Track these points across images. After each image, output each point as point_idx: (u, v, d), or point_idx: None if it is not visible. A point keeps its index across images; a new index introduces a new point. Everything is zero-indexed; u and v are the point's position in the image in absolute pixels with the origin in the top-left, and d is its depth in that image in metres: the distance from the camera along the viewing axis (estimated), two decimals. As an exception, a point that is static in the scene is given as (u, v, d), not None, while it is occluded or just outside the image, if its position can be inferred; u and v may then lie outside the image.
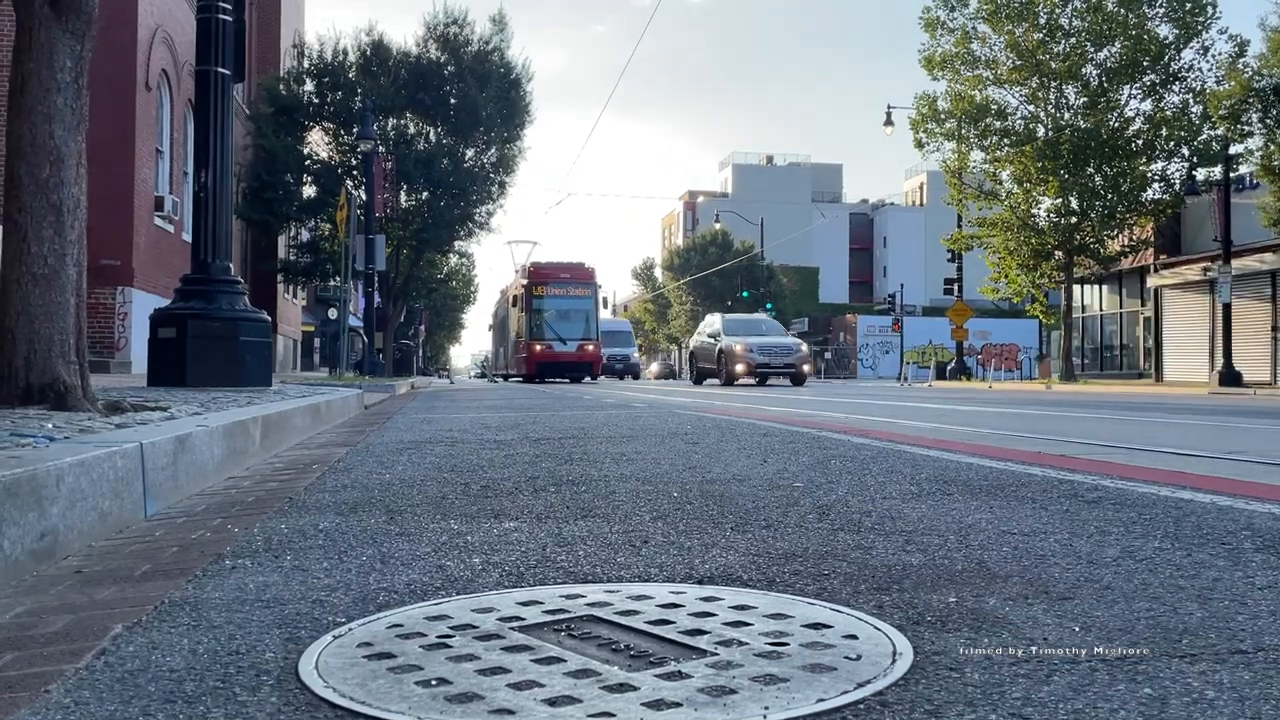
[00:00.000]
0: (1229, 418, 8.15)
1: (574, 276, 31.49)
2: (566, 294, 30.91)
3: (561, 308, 30.70)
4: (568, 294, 30.94)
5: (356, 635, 1.52)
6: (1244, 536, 2.25)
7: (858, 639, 1.47)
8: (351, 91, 27.04)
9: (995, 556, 2.07)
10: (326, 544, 2.27)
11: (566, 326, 30.47)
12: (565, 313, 30.82)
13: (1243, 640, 1.44)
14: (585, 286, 31.49)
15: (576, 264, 32.19)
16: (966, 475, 3.46)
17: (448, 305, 62.83)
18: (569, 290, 31.03)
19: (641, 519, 2.59)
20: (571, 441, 5.17)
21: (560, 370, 30.31)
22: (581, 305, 31.04)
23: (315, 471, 3.76)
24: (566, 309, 30.80)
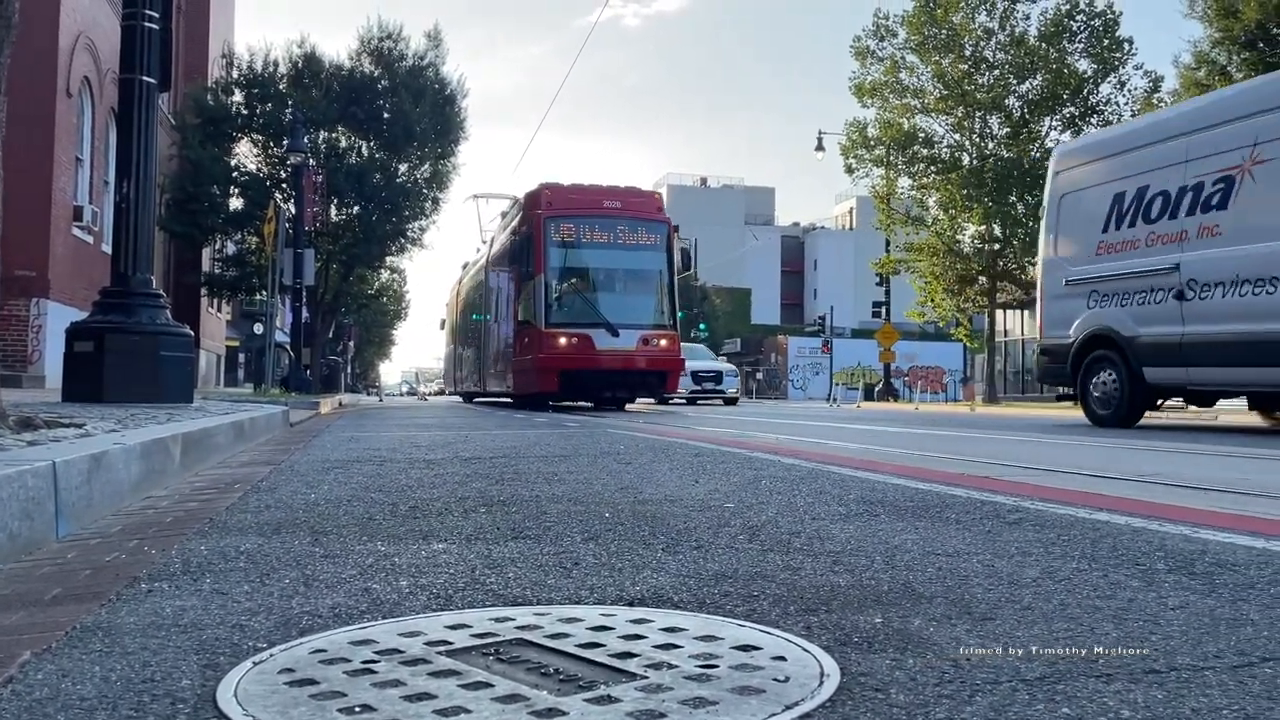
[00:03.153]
0: (1141, 440, 8.41)
1: (628, 209, 17.24)
2: (616, 241, 17.03)
3: (607, 265, 17.16)
4: (619, 241, 17.04)
5: (278, 661, 1.48)
6: (1157, 558, 2.32)
7: (786, 660, 1.48)
8: (282, 103, 26.60)
9: (920, 577, 2.10)
10: (248, 566, 2.22)
11: (619, 302, 16.92)
12: (614, 275, 17.30)
13: (1156, 660, 1.49)
14: (650, 228, 17.29)
15: (629, 189, 17.93)
16: (893, 496, 3.52)
17: (378, 321, 62.01)
18: (621, 234, 17.06)
19: (573, 540, 2.58)
20: (503, 461, 5.12)
21: (606, 383, 16.78)
22: (645, 263, 17.15)
23: (237, 491, 3.67)
24: (616, 268, 17.21)
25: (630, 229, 17.17)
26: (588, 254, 17.11)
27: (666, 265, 17.33)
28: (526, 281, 17.14)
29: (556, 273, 16.90)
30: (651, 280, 17.45)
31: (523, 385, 17.37)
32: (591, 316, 16.52)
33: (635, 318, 16.82)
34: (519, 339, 17.52)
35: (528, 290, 17.02)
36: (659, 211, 17.89)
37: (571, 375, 16.21)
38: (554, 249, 16.73)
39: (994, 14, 27.81)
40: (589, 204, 17.24)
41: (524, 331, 17.19)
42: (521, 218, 18.01)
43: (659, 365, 16.81)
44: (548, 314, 16.45)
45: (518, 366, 17.54)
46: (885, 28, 28.58)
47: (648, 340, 16.64)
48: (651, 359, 16.68)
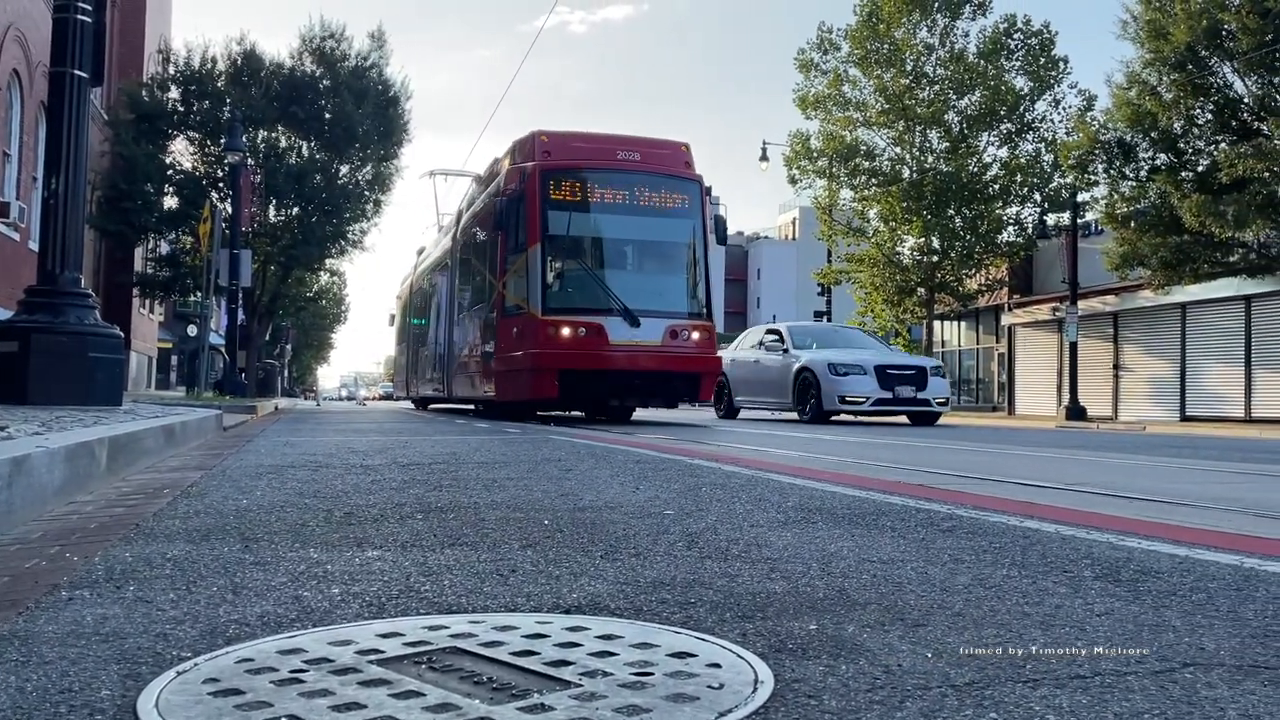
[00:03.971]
0: (1074, 450, 8.61)
1: (649, 162, 13.72)
2: (634, 203, 13.46)
3: (622, 235, 13.65)
4: (637, 203, 13.47)
5: (202, 671, 1.45)
6: (1084, 565, 2.37)
7: (721, 668, 1.48)
8: (220, 101, 26.13)
9: (855, 584, 2.12)
10: (174, 573, 2.16)
11: (639, 282, 13.46)
12: (632, 248, 13.85)
13: (1081, 665, 1.52)
14: (677, 187, 13.71)
15: (647, 139, 14.33)
16: (831, 504, 3.55)
17: (316, 324, 61.16)
18: (641, 194, 13.49)
19: (510, 547, 2.56)
20: (442, 467, 5.07)
21: (621, 388, 13.17)
22: (672, 231, 13.69)
23: (166, 496, 3.58)
24: (634, 239, 13.74)
25: (652, 188, 13.36)
26: (598, 219, 13.31)
27: (699, 235, 13.52)
28: (515, 256, 13.25)
29: (557, 243, 13.00)
30: (680, 254, 13.69)
31: (509, 389, 13.41)
32: (603, 300, 12.59)
33: (661, 303, 13.05)
34: (503, 330, 13.56)
35: (517, 267, 13.17)
36: (687, 167, 13.95)
37: (576, 377, 12.48)
38: (554, 212, 12.92)
39: (934, 30, 28.32)
40: (598, 155, 13.50)
41: (511, 321, 13.32)
42: (508, 174, 13.83)
43: (691, 366, 13.06)
44: (545, 297, 12.61)
45: (502, 365, 13.52)
46: (829, 41, 28.94)
47: (676, 333, 12.78)
48: (682, 357, 12.91)
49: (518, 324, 13.16)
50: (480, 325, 15.30)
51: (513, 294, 13.43)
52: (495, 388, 13.97)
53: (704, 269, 13.76)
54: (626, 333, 12.51)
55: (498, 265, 14.04)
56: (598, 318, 12.54)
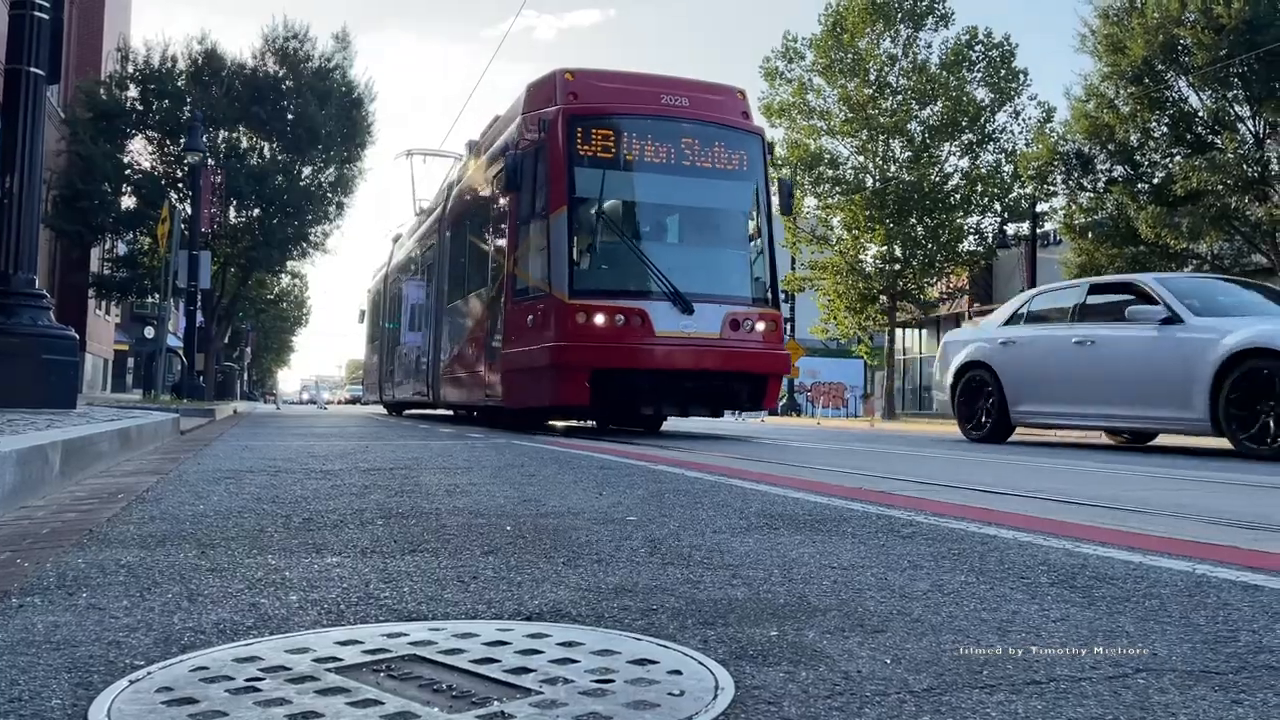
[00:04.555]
0: (1031, 457, 8.72)
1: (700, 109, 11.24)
2: (681, 161, 10.90)
3: (668, 200, 11.24)
4: (686, 161, 10.93)
5: (156, 679, 1.42)
6: (1041, 571, 2.40)
7: (682, 674, 1.48)
8: (180, 100, 25.78)
9: (816, 590, 2.13)
10: (128, 580, 2.13)
11: (689, 260, 10.91)
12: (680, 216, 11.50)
13: (1037, 671, 1.54)
14: (735, 142, 11.29)
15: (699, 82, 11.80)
16: (793, 510, 3.57)
17: (277, 327, 60.51)
18: (690, 150, 10.94)
19: (472, 554, 2.54)
20: (404, 472, 5.04)
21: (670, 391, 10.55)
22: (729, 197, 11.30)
23: (120, 501, 3.52)
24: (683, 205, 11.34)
25: (705, 141, 10.86)
26: (638, 180, 10.77)
27: (762, 201, 11.20)
28: (532, 225, 10.84)
29: (587, 208, 10.45)
30: (739, 225, 11.28)
31: (520, 392, 10.93)
32: (647, 280, 10.16)
33: (718, 285, 10.63)
34: (514, 319, 11.06)
35: (535, 239, 10.72)
36: (746, 118, 11.65)
37: (613, 379, 10.04)
38: (583, 169, 10.40)
39: (898, 41, 28.64)
40: (638, 99, 10.93)
41: (525, 306, 10.80)
42: (523, 124, 11.23)
43: (755, 364, 10.58)
44: (573, 275, 10.11)
45: (511, 363, 11.00)
46: (794, 50, 29.16)
47: (738, 322, 10.34)
48: (745, 354, 10.43)
49: (535, 310, 10.59)
50: (480, 314, 12.80)
51: (528, 273, 10.93)
52: (502, 390, 11.31)
53: (768, 243, 11.25)
54: (676, 321, 10.08)
55: (507, 239, 11.54)
56: (640, 302, 10.05)
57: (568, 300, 10.07)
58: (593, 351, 10.02)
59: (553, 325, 10.18)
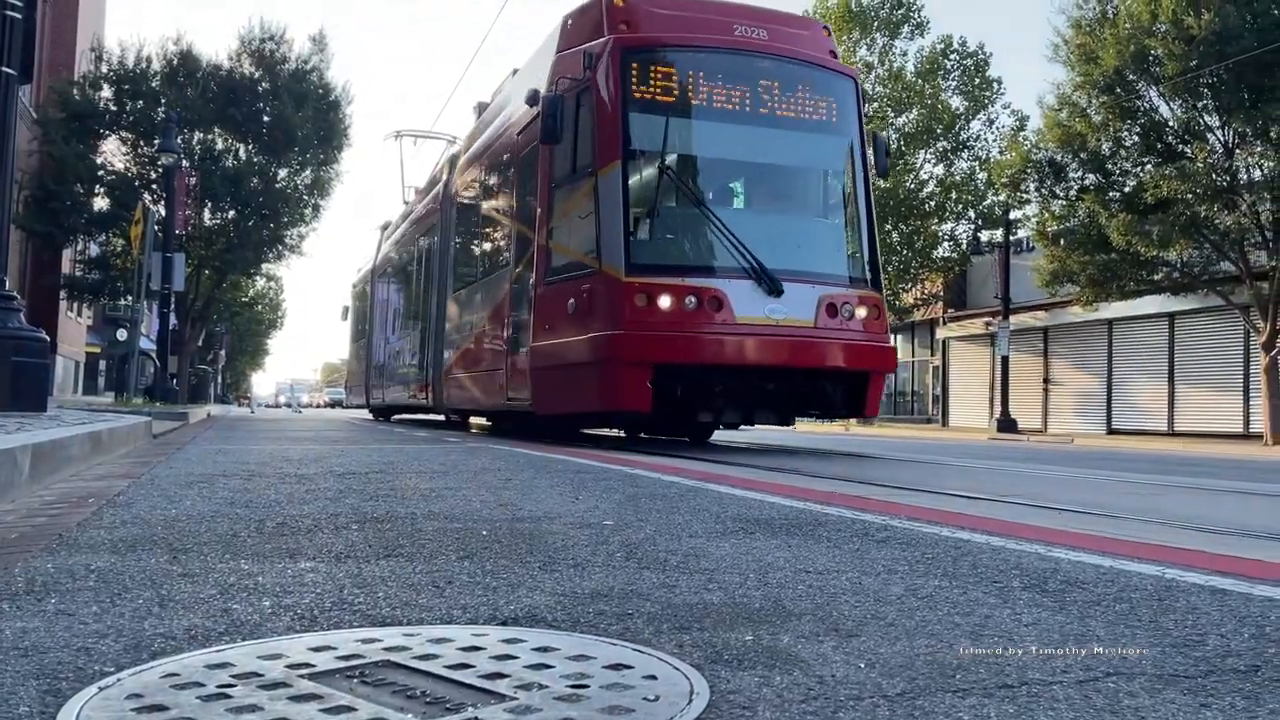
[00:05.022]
0: (1005, 462, 8.80)
1: (782, 43, 9.24)
2: (759, 108, 8.87)
3: (745, 155, 9.18)
4: (765, 108, 8.89)
5: (126, 686, 1.41)
6: (1013, 575, 2.42)
7: (657, 679, 1.49)
8: (154, 101, 25.55)
9: (791, 594, 2.14)
10: (98, 585, 2.10)
11: (772, 230, 8.90)
12: (752, 175, 9.48)
13: (1009, 675, 1.55)
14: (824, 86, 9.18)
15: (776, 13, 9.72)
16: (768, 514, 3.58)
17: (252, 330, 60.04)
18: (770, 94, 8.89)
19: (447, 558, 2.53)
20: (379, 476, 5.01)
21: (754, 393, 8.82)
22: (818, 154, 9.45)
23: (91, 505, 3.48)
24: (760, 162, 9.25)
25: (787, 84, 8.92)
26: (709, 130, 8.95)
27: (858, 159, 9.35)
28: (571, 187, 8.95)
29: (647, 163, 8.69)
30: (830, 188, 9.55)
31: (557, 395, 9.04)
32: (724, 254, 8.36)
33: (809, 261, 8.76)
34: (548, 304, 9.10)
35: (575, 203, 8.89)
36: (834, 57, 9.78)
37: (680, 377, 8.30)
38: (640, 115, 8.56)
39: (874, 49, 28.86)
40: (706, 28, 9.02)
41: (564, 288, 8.86)
42: (561, 63, 9.37)
43: (858, 360, 8.71)
44: (630, 248, 8.24)
45: (545, 358, 9.04)
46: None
47: (835, 308, 8.49)
48: (845, 346, 8.58)
49: (577, 292, 8.61)
50: (498, 301, 10.78)
51: (567, 247, 9.06)
52: (531, 393, 9.35)
53: (866, 211, 9.36)
54: (761, 305, 8.15)
55: (537, 207, 9.49)
56: (715, 281, 8.18)
57: (624, 278, 8.06)
58: (657, 343, 8.03)
59: (604, 310, 8.22)
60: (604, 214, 8.40)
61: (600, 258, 8.37)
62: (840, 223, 9.49)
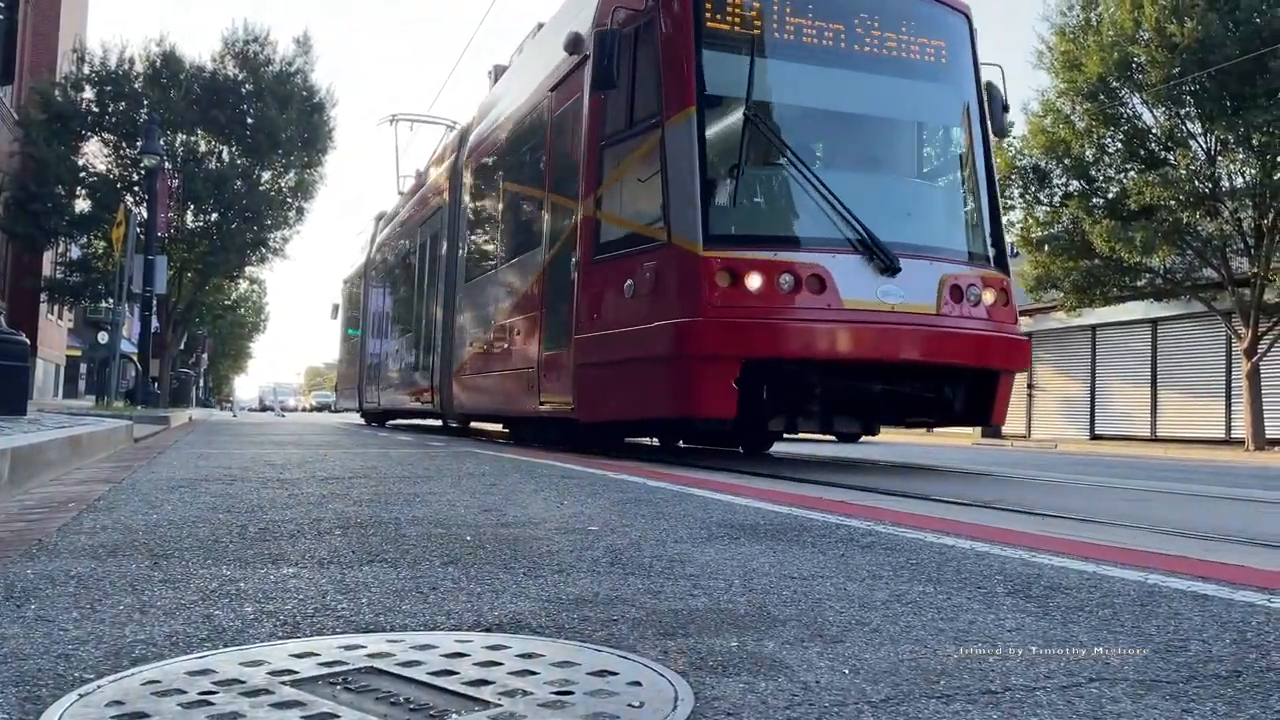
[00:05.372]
0: (989, 466, 8.84)
1: None
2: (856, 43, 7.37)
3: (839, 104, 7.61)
4: (862, 45, 7.38)
5: (106, 693, 1.40)
6: (997, 581, 2.43)
7: (642, 685, 1.48)
8: (137, 103, 25.43)
9: (776, 600, 2.14)
10: (78, 591, 2.08)
11: (876, 194, 7.31)
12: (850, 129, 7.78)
13: (993, 680, 1.55)
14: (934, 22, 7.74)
15: None
16: (753, 519, 3.58)
17: (234, 333, 59.74)
18: (869, 32, 7.41)
19: (432, 564, 2.52)
20: (363, 481, 4.99)
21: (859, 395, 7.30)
22: (927, 105, 7.91)
23: (71, 510, 3.45)
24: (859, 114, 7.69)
25: (888, 20, 7.60)
26: (798, 74, 7.54)
27: (974, 112, 7.91)
28: (629, 144, 7.57)
29: (727, 111, 7.23)
30: (944, 145, 8.18)
31: (610, 397, 7.64)
32: (825, 223, 6.94)
33: (926, 232, 7.40)
34: (599, 285, 7.74)
35: (635, 163, 7.51)
36: None
37: (771, 374, 6.96)
38: (717, 54, 7.25)
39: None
40: None
41: (619, 266, 7.47)
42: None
43: (988, 355, 7.25)
44: (709, 214, 6.87)
45: (594, 353, 7.67)
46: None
47: (960, 290, 7.10)
48: (973, 338, 7.15)
49: (638, 270, 7.17)
50: (528, 287, 9.34)
51: (624, 215, 7.67)
52: (575, 395, 7.86)
53: (985, 175, 7.83)
54: (872, 286, 6.74)
55: (581, 170, 8.05)
56: (816, 255, 6.75)
57: (701, 251, 6.65)
58: (745, 332, 6.61)
59: (675, 291, 6.83)
60: (673, 173, 6.98)
61: (669, 227, 6.92)
62: (959, 187, 7.96)
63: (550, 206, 9.00)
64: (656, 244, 7.05)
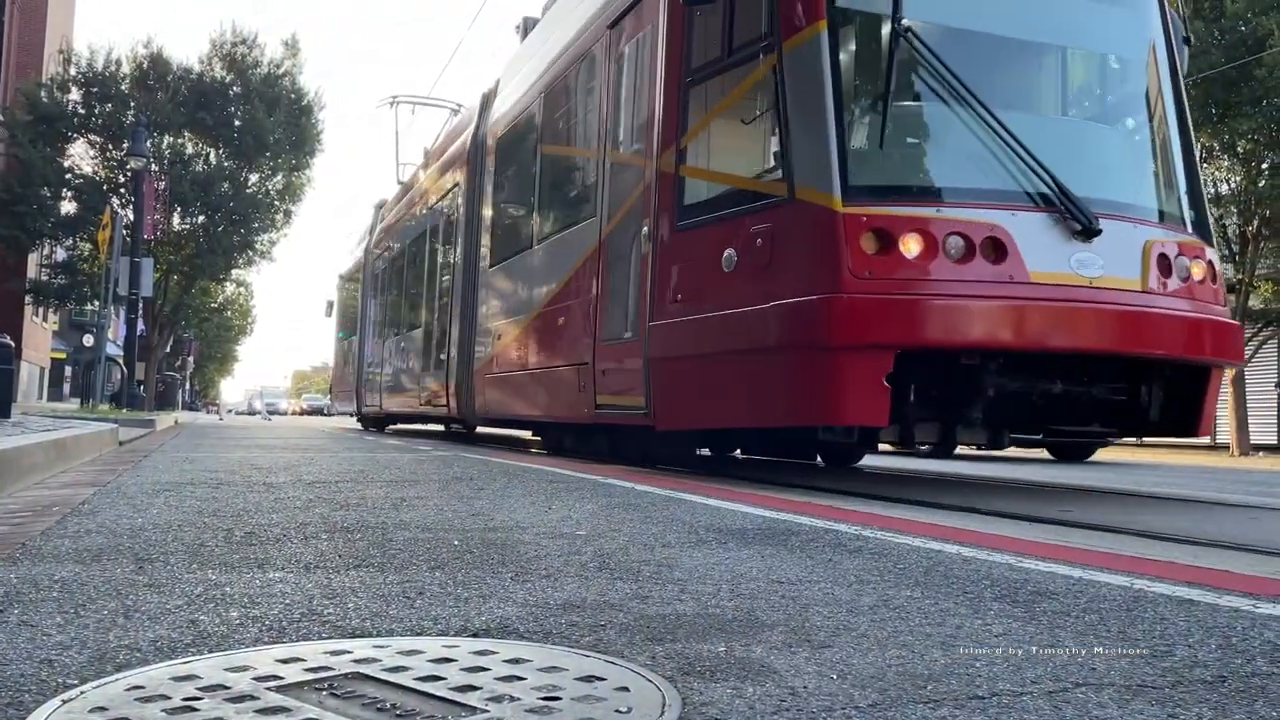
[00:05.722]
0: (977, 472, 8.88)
1: None
2: None
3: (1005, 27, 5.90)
4: None
5: (90, 699, 1.39)
6: (984, 586, 2.43)
7: (629, 691, 1.48)
8: (124, 104, 25.33)
9: (764, 605, 2.14)
10: (62, 596, 2.07)
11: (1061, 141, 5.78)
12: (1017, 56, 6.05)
13: (980, 685, 1.56)
14: None
15: None
16: (741, 523, 3.58)
17: (221, 336, 59.54)
18: None
19: (418, 569, 2.51)
20: (349, 485, 4.97)
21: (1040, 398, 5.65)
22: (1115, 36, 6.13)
23: (55, 514, 3.43)
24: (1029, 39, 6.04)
25: None
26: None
27: (1162, 51, 6.43)
28: (733, 74, 6.13)
29: (864, 30, 5.89)
30: (1140, 86, 6.55)
31: (705, 399, 6.14)
32: (1000, 172, 5.39)
33: (1125, 189, 5.94)
34: (689, 257, 6.23)
35: (740, 97, 6.17)
36: None
37: (932, 366, 5.45)
38: None
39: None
40: None
41: (716, 232, 5.93)
42: None
43: (1199, 345, 5.65)
44: (847, 161, 5.26)
45: (682, 342, 6.17)
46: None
47: (1168, 261, 5.55)
48: (1187, 324, 5.57)
49: (747, 237, 5.65)
50: (580, 266, 7.85)
51: (721, 168, 6.31)
52: (650, 397, 6.43)
53: (1181, 125, 6.37)
54: (1064, 254, 5.27)
55: (658, 116, 6.59)
56: (993, 214, 5.23)
57: (841, 207, 5.11)
58: (904, 313, 5.07)
59: (803, 259, 5.30)
60: (796, 109, 5.42)
61: (791, 178, 5.35)
62: (1155, 134, 6.31)
63: (609, 168, 7.50)
64: (772, 201, 5.50)
